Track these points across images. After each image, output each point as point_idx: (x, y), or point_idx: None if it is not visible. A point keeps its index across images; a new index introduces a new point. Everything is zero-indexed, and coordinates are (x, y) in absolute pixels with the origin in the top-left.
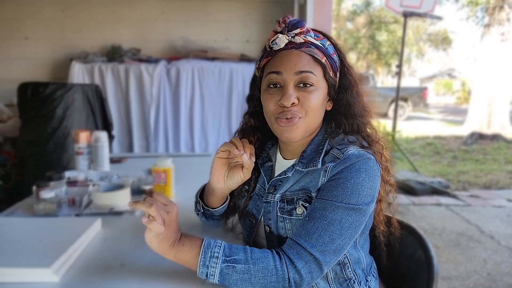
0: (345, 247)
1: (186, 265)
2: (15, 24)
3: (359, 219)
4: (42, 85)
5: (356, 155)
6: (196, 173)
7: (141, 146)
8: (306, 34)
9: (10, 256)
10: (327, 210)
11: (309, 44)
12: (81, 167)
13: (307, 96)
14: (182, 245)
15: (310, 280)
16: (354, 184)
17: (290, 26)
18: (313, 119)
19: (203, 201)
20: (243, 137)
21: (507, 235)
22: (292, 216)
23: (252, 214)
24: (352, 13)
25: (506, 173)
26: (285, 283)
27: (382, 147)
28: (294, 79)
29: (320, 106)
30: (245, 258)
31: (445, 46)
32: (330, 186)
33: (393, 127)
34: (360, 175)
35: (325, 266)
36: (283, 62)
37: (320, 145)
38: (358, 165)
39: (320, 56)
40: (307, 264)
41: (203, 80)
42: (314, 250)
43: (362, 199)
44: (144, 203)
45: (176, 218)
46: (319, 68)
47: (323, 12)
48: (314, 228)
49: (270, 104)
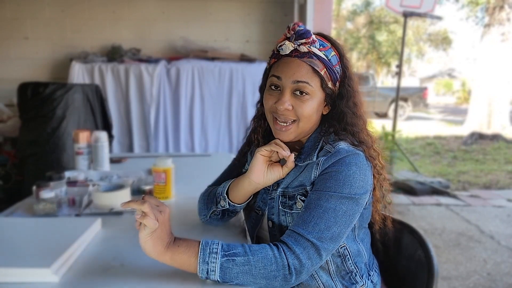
0: (341, 234)
1: (183, 267)
2: (15, 24)
3: (353, 208)
4: (42, 85)
5: (346, 150)
6: (196, 173)
7: (141, 146)
8: (311, 45)
9: (10, 256)
10: (322, 200)
11: (311, 55)
12: (81, 167)
13: (301, 105)
14: (177, 246)
15: (310, 267)
16: (345, 176)
17: (297, 35)
18: (306, 125)
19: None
20: (255, 124)
21: (507, 235)
22: (292, 210)
23: (258, 206)
24: (352, 13)
25: (506, 173)
26: (285, 270)
27: (377, 153)
28: (291, 87)
29: (313, 113)
30: (244, 251)
31: (445, 46)
32: (323, 179)
33: (393, 127)
34: (351, 168)
35: (323, 252)
36: (284, 69)
37: (316, 142)
38: (348, 159)
39: (320, 67)
40: (306, 250)
41: (203, 80)
42: (311, 236)
43: (354, 190)
44: (137, 201)
45: (168, 220)
46: (316, 79)
47: (323, 12)
48: (310, 217)
49: (269, 102)
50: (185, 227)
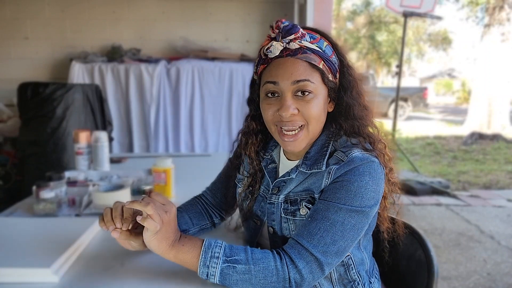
0: (347, 249)
1: (185, 266)
2: (15, 24)
3: (362, 221)
4: (42, 85)
5: (360, 158)
6: (196, 173)
7: (141, 146)
8: (301, 39)
9: (10, 256)
10: (330, 212)
11: (305, 50)
12: (81, 167)
13: (307, 106)
14: (182, 245)
15: (311, 281)
16: (357, 187)
17: (284, 32)
18: (316, 127)
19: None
20: (246, 139)
21: (507, 235)
22: (295, 217)
23: (256, 215)
24: (352, 13)
25: (506, 173)
26: (285, 283)
27: (384, 145)
28: (291, 89)
29: (321, 112)
30: (246, 258)
31: (445, 46)
32: (333, 188)
33: (393, 127)
34: (364, 178)
35: (326, 267)
36: (279, 72)
37: (324, 147)
38: (362, 168)
39: (317, 61)
40: (308, 265)
41: (203, 80)
42: (316, 251)
43: (365, 202)
44: (141, 202)
45: (174, 218)
46: (317, 74)
47: (323, 12)
48: (316, 229)
49: (269, 113)
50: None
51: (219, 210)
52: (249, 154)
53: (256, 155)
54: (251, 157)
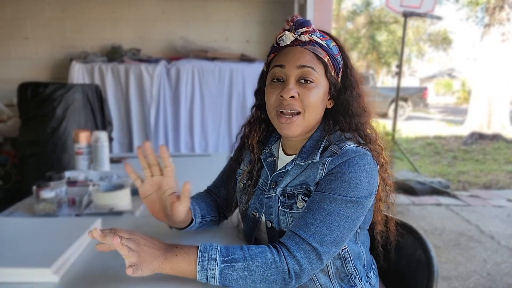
0: (343, 239)
1: (184, 275)
2: (15, 24)
3: (357, 211)
4: (42, 85)
5: (353, 150)
6: (196, 173)
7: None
8: (312, 34)
9: (10, 256)
10: (326, 202)
11: (313, 43)
12: (81, 167)
13: (307, 93)
14: (175, 255)
15: (310, 271)
16: (352, 178)
17: (297, 25)
18: (312, 116)
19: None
20: (250, 129)
21: (507, 235)
22: (293, 210)
23: (255, 208)
24: (352, 13)
25: (506, 173)
26: (285, 274)
27: (381, 148)
28: (296, 73)
29: (319, 103)
30: (243, 255)
31: (445, 46)
32: (328, 180)
33: (393, 127)
34: (358, 169)
35: (324, 256)
36: (287, 57)
37: (319, 141)
38: (356, 160)
39: (323, 55)
40: (306, 254)
41: (203, 80)
42: (313, 240)
43: (360, 193)
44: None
45: (146, 239)
46: (320, 66)
47: (323, 12)
48: (312, 220)
49: (272, 97)
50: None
51: (222, 208)
52: (251, 142)
53: (257, 144)
54: (252, 145)
